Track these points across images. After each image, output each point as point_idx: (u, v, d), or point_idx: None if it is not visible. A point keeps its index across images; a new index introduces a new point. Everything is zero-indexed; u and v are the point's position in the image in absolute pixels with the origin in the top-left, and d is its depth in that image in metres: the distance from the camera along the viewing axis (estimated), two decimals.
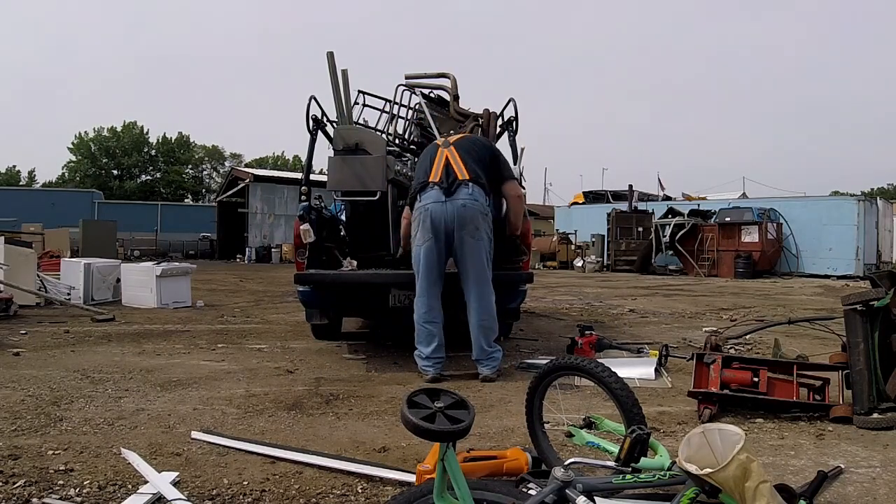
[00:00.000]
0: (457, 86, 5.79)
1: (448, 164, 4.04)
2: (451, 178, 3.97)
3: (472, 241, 3.92)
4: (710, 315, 7.85)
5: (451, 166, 4.03)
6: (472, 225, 3.91)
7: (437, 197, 3.94)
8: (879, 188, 53.37)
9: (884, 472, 2.41)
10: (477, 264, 3.96)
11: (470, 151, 4.13)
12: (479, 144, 4.30)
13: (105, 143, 49.37)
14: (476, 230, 3.93)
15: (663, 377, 4.09)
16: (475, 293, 3.97)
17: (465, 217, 3.90)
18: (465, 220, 3.90)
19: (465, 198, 3.93)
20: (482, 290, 3.98)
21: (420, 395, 1.68)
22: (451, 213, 3.89)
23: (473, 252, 3.94)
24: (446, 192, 3.94)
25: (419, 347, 3.99)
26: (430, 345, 3.93)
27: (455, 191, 3.93)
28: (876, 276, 3.30)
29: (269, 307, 8.41)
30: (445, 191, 3.94)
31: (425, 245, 3.94)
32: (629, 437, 1.79)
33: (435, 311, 3.98)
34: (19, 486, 2.19)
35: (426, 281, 3.98)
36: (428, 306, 3.97)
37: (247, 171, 28.66)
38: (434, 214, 3.91)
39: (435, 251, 3.94)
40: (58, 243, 16.85)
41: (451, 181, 3.96)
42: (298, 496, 2.18)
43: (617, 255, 19.85)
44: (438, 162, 4.07)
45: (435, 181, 3.98)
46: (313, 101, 4.95)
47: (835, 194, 26.59)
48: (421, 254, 3.97)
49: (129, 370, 4.17)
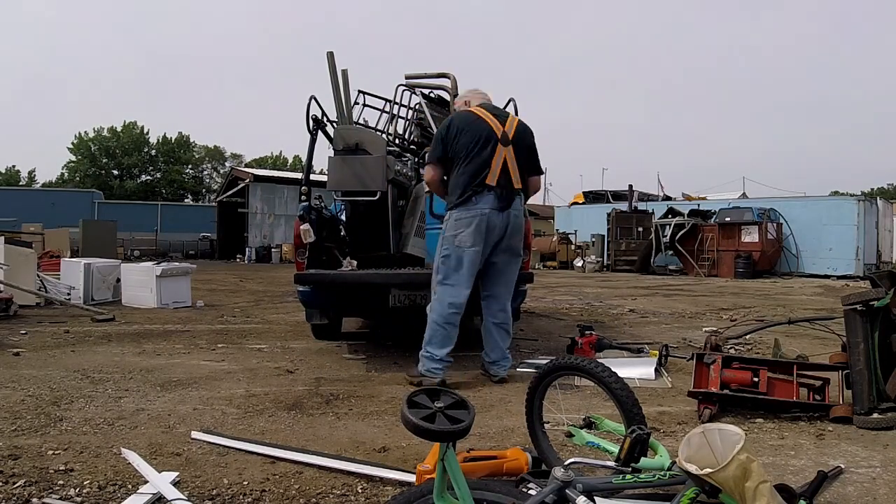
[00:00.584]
0: (457, 86, 5.78)
1: (506, 168, 3.85)
2: (507, 186, 3.84)
3: (513, 252, 3.96)
4: (710, 315, 7.85)
5: (508, 171, 3.85)
6: (517, 237, 3.93)
7: (493, 204, 3.80)
8: (879, 188, 53.44)
9: (884, 472, 2.41)
10: (512, 275, 4.02)
11: (520, 153, 3.94)
12: (527, 142, 4.02)
13: (105, 143, 49.40)
14: (519, 242, 3.97)
15: (663, 377, 4.09)
16: (504, 299, 3.99)
17: (516, 228, 3.91)
18: (514, 232, 3.91)
19: (517, 209, 3.90)
20: (509, 297, 4.03)
21: (420, 395, 1.68)
22: (505, 223, 3.85)
23: (512, 263, 3.99)
24: (503, 201, 3.82)
25: (431, 349, 3.81)
26: (445, 347, 3.82)
27: (511, 201, 3.86)
28: (876, 276, 3.30)
29: (269, 307, 8.41)
30: (503, 200, 3.82)
31: (473, 249, 3.81)
32: (629, 437, 1.79)
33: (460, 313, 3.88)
34: (19, 486, 2.19)
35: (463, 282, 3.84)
36: (457, 307, 3.83)
37: (247, 171, 28.68)
38: (490, 222, 3.80)
39: (480, 256, 3.86)
40: (58, 243, 16.86)
41: (508, 190, 3.84)
42: (298, 496, 2.18)
43: (617, 255, 19.85)
44: (497, 161, 3.83)
45: (492, 185, 3.81)
46: (313, 101, 4.95)
47: (835, 194, 26.61)
48: (465, 256, 3.83)
49: (129, 370, 4.17)
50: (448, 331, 3.82)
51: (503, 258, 3.95)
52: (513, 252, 3.97)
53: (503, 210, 3.82)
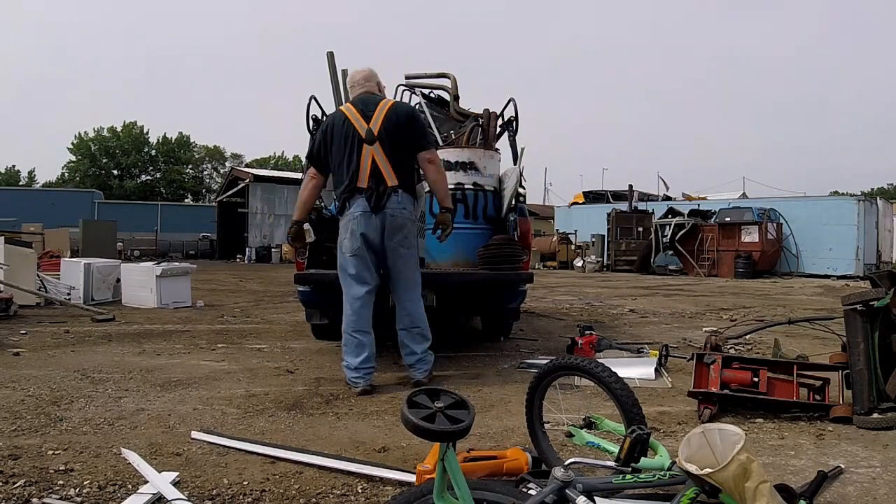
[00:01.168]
0: (457, 86, 5.79)
1: (375, 167, 3.69)
2: (380, 187, 3.68)
3: (398, 251, 3.76)
4: (710, 315, 7.85)
5: (378, 170, 3.69)
6: (398, 235, 3.74)
7: (365, 207, 3.68)
8: (879, 188, 53.42)
9: (884, 472, 2.41)
10: (409, 274, 3.82)
11: (395, 142, 3.73)
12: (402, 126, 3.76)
13: (105, 143, 49.38)
14: (403, 240, 3.76)
15: (663, 377, 4.09)
16: (406, 302, 3.83)
17: (394, 227, 3.72)
18: (393, 231, 3.72)
19: (393, 207, 3.69)
20: (412, 296, 3.85)
21: (420, 395, 1.68)
22: (381, 224, 3.70)
23: (400, 262, 3.79)
24: (371, 203, 3.67)
25: (347, 359, 3.72)
26: (359, 356, 3.69)
27: (383, 200, 3.68)
28: (876, 276, 3.30)
29: (269, 307, 8.41)
30: (374, 201, 3.67)
31: (353, 257, 3.73)
32: (629, 437, 1.79)
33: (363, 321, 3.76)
34: (19, 486, 2.19)
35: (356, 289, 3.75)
36: (356, 314, 3.73)
37: (247, 171, 28.68)
38: (365, 225, 3.69)
39: (366, 261, 3.74)
40: (58, 243, 16.85)
41: (380, 190, 3.68)
42: (298, 496, 2.18)
43: (617, 255, 19.86)
44: (365, 162, 3.69)
45: (363, 187, 3.68)
46: (313, 101, 4.95)
47: (835, 194, 26.61)
48: (348, 264, 3.75)
49: (129, 370, 4.17)
50: (358, 339, 3.70)
51: (392, 259, 3.77)
52: (398, 252, 3.75)
53: (377, 211, 3.68)
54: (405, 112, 3.89)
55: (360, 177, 3.70)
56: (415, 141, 3.80)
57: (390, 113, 3.76)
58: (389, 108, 3.79)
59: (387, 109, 3.77)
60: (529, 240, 4.95)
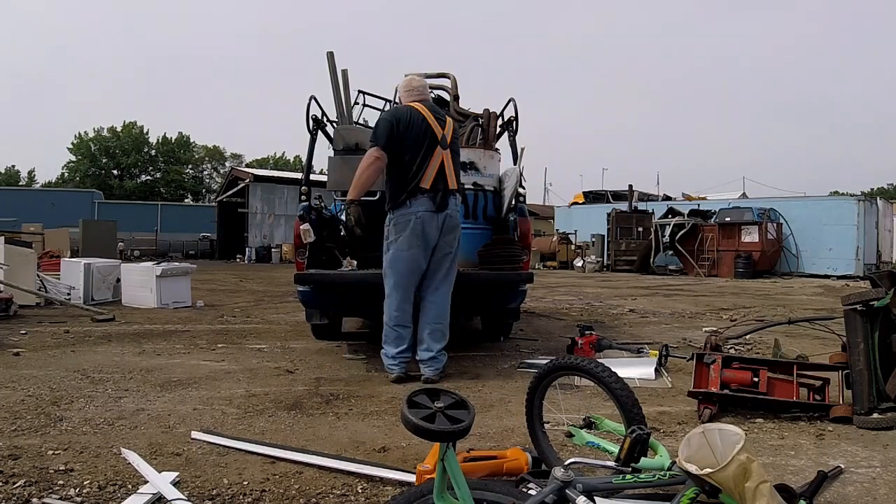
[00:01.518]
0: (457, 86, 5.78)
1: (442, 170, 3.93)
2: (443, 189, 3.90)
3: (452, 248, 3.97)
4: (710, 315, 7.85)
5: (445, 174, 3.93)
6: (452, 235, 3.96)
7: (428, 206, 3.88)
8: (879, 188, 53.40)
9: (884, 472, 2.41)
10: (451, 270, 4.02)
11: (457, 154, 4.09)
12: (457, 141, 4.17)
13: (105, 143, 49.36)
14: (454, 241, 3.98)
15: (663, 377, 4.09)
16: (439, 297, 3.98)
17: (450, 228, 3.94)
18: (448, 231, 3.93)
19: (453, 209, 3.96)
20: (446, 293, 4.01)
21: (420, 395, 1.68)
22: (440, 225, 3.90)
23: (448, 262, 3.99)
24: (436, 203, 3.88)
25: (386, 347, 3.98)
26: (399, 346, 3.94)
27: (444, 202, 3.91)
28: (876, 276, 3.30)
29: (269, 307, 8.41)
30: (435, 202, 3.88)
31: (408, 252, 3.89)
32: (629, 437, 1.79)
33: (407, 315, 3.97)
34: (19, 486, 2.19)
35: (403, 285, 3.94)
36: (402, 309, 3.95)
37: (247, 171, 28.66)
38: (425, 225, 3.87)
39: (421, 259, 3.92)
40: (58, 243, 16.83)
41: (443, 192, 3.90)
42: (298, 496, 2.18)
43: (617, 255, 19.85)
44: (434, 164, 3.91)
45: (426, 188, 3.88)
46: (313, 101, 4.95)
47: (835, 194, 26.59)
48: (401, 260, 3.92)
49: (129, 370, 4.17)
50: (398, 332, 3.93)
51: (439, 255, 3.95)
52: (447, 250, 3.96)
53: (439, 211, 3.88)
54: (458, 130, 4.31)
55: (425, 177, 3.88)
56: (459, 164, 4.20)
57: (454, 130, 4.11)
58: (454, 123, 4.15)
59: (453, 124, 4.11)
60: (529, 240, 4.95)
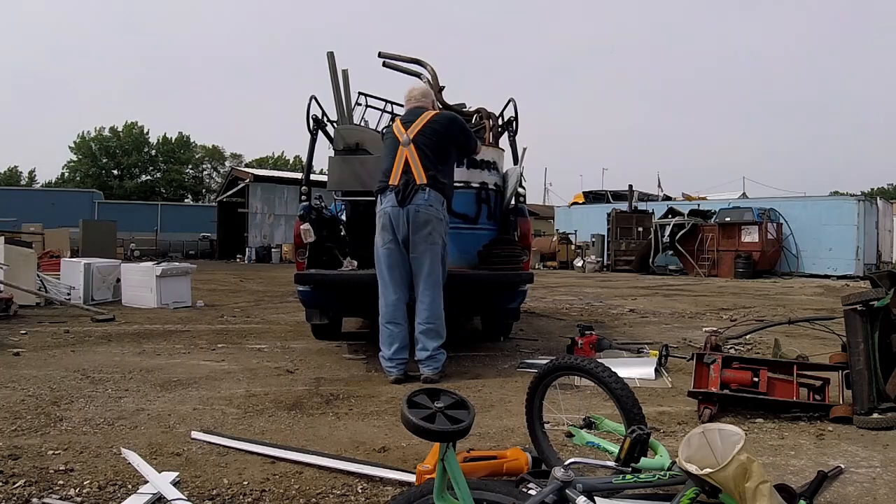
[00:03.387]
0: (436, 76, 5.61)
1: (406, 166, 3.92)
2: (407, 183, 3.89)
3: (425, 245, 3.92)
4: (710, 315, 7.85)
5: (409, 168, 3.91)
6: (425, 230, 3.90)
7: (393, 201, 3.91)
8: (879, 188, 53.41)
9: (884, 472, 2.41)
10: (430, 267, 3.95)
11: (430, 147, 3.97)
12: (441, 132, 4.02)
13: (105, 142, 49.37)
14: (429, 234, 3.91)
15: (663, 377, 4.08)
16: (426, 299, 3.96)
17: (418, 223, 3.89)
18: (417, 227, 3.89)
19: (418, 203, 3.88)
20: (433, 293, 3.98)
21: (420, 395, 1.68)
22: (405, 218, 3.88)
23: (424, 257, 3.94)
24: (398, 197, 3.89)
25: (382, 349, 3.97)
26: (392, 346, 3.92)
27: (408, 195, 3.88)
28: (876, 276, 3.29)
29: (269, 307, 8.41)
30: (398, 196, 3.89)
31: (384, 248, 3.96)
32: (629, 437, 1.79)
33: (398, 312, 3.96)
34: (19, 486, 2.19)
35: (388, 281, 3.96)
36: (391, 305, 3.96)
37: (247, 171, 28.67)
38: (393, 218, 3.90)
39: (396, 254, 3.94)
40: (58, 243, 16.83)
41: (406, 186, 3.89)
42: (298, 496, 2.18)
43: (617, 255, 19.85)
44: (398, 162, 3.95)
45: (394, 184, 3.92)
46: (313, 101, 4.95)
47: (835, 194, 26.59)
48: (381, 256, 3.98)
49: (129, 370, 4.17)
50: (390, 330, 3.92)
51: (416, 253, 3.94)
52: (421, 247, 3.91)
53: (403, 205, 3.88)
54: (445, 121, 4.11)
55: (392, 174, 3.94)
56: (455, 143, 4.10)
57: (431, 121, 4.03)
58: (431, 118, 4.06)
59: (428, 119, 4.04)
60: (529, 240, 4.95)
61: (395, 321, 3.94)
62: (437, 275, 3.99)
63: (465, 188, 4.73)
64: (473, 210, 4.84)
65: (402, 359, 3.93)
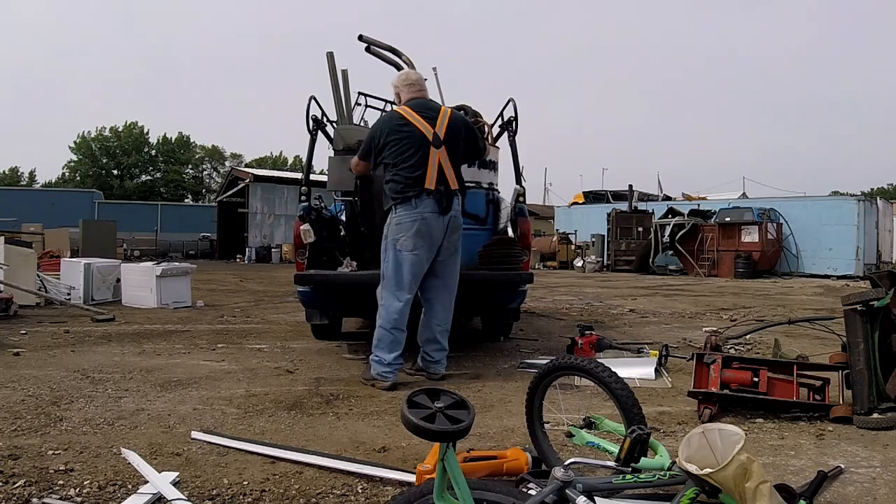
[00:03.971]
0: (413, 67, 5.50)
1: (441, 171, 3.85)
2: (445, 189, 3.84)
3: (453, 249, 3.94)
4: (710, 315, 7.85)
5: (444, 174, 3.85)
6: (456, 235, 3.93)
7: (433, 207, 3.81)
8: (879, 188, 53.41)
9: (884, 472, 2.41)
10: (453, 271, 4.00)
11: (455, 150, 3.94)
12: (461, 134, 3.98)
13: (106, 142, 49.37)
14: (457, 240, 3.95)
15: (663, 377, 4.08)
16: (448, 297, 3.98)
17: (454, 228, 3.91)
18: (452, 232, 3.91)
19: (455, 209, 3.90)
20: (451, 297, 4.01)
21: (420, 395, 1.68)
22: (444, 226, 3.86)
23: (453, 262, 3.97)
24: (441, 205, 3.83)
25: (380, 353, 3.82)
26: (393, 352, 3.82)
27: (450, 204, 3.87)
28: (876, 276, 3.30)
29: (269, 307, 8.41)
30: (441, 203, 3.83)
31: (413, 253, 3.82)
32: (629, 437, 1.79)
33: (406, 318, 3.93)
34: (19, 486, 2.19)
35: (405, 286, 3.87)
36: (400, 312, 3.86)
37: (247, 171, 28.66)
38: (431, 226, 3.81)
39: (423, 260, 3.87)
40: (58, 243, 16.82)
41: (445, 192, 3.84)
42: (298, 496, 2.18)
43: (617, 255, 19.85)
44: (433, 165, 3.83)
45: (431, 189, 3.81)
46: (313, 101, 4.95)
47: (835, 194, 26.59)
48: (405, 261, 3.83)
49: (129, 370, 4.17)
50: (394, 336, 3.84)
51: (444, 257, 3.93)
52: (449, 251, 3.93)
53: (444, 213, 3.84)
54: (462, 122, 4.07)
55: (428, 178, 3.81)
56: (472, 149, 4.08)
57: (451, 121, 3.95)
58: (451, 116, 3.98)
59: (448, 117, 3.96)
60: (529, 240, 4.94)
61: (400, 328, 3.87)
62: (456, 279, 4.04)
63: (476, 188, 4.79)
64: (483, 211, 4.93)
65: (399, 364, 3.88)
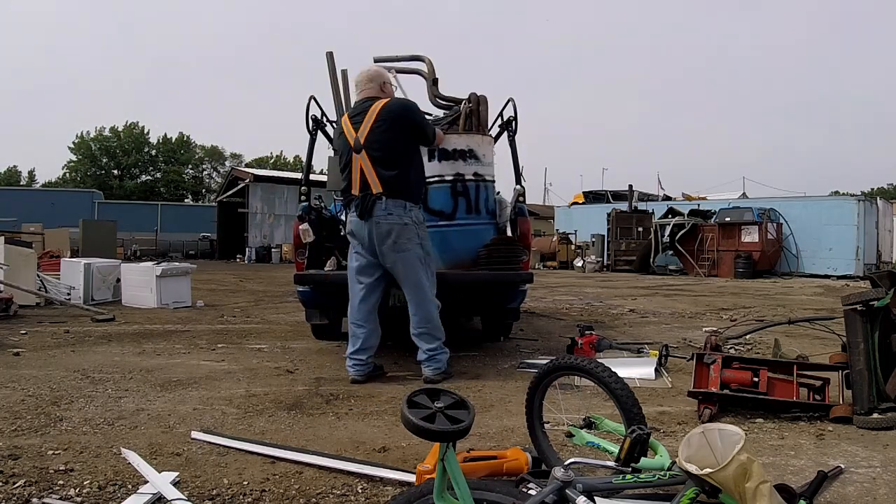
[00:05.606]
0: (434, 70, 5.46)
1: (362, 175, 3.81)
2: (366, 195, 3.80)
3: (395, 254, 3.83)
4: (710, 315, 7.85)
5: (365, 178, 3.80)
6: (387, 241, 3.81)
7: (356, 213, 3.87)
8: (879, 188, 53.40)
9: (884, 472, 2.41)
10: (409, 275, 3.89)
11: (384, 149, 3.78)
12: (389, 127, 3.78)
13: (106, 142, 49.36)
14: (394, 244, 3.81)
15: (663, 377, 4.08)
16: (415, 304, 3.93)
17: (380, 235, 3.81)
18: (381, 239, 3.81)
19: (379, 215, 3.78)
20: (418, 297, 3.91)
21: (420, 395, 1.68)
22: (368, 231, 3.84)
23: (398, 264, 3.87)
24: (360, 210, 3.82)
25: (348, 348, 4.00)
26: (353, 346, 3.92)
27: (371, 208, 3.79)
28: (876, 276, 3.29)
29: (269, 307, 8.41)
30: (359, 209, 3.82)
31: (353, 254, 4.00)
32: (629, 437, 1.79)
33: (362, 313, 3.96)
34: (19, 486, 2.19)
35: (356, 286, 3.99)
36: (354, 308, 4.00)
37: (247, 171, 28.68)
38: (357, 231, 3.91)
39: (364, 262, 3.95)
40: (58, 243, 16.83)
41: (365, 198, 3.79)
42: (298, 496, 2.18)
43: (617, 255, 19.86)
44: (355, 171, 3.83)
45: (355, 195, 3.85)
46: (313, 101, 4.95)
47: (835, 194, 26.60)
48: (351, 262, 4.03)
49: (129, 370, 4.17)
50: (353, 330, 3.96)
51: (389, 263, 3.89)
52: (390, 256, 3.84)
53: (364, 218, 3.82)
54: (395, 113, 3.84)
55: (353, 185, 3.91)
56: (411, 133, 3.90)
57: (378, 118, 3.79)
58: (378, 112, 3.80)
59: (375, 114, 3.81)
60: (529, 240, 4.93)
61: (357, 322, 3.95)
62: (417, 279, 3.88)
63: (438, 183, 4.51)
64: (450, 205, 4.57)
65: (359, 360, 3.88)
